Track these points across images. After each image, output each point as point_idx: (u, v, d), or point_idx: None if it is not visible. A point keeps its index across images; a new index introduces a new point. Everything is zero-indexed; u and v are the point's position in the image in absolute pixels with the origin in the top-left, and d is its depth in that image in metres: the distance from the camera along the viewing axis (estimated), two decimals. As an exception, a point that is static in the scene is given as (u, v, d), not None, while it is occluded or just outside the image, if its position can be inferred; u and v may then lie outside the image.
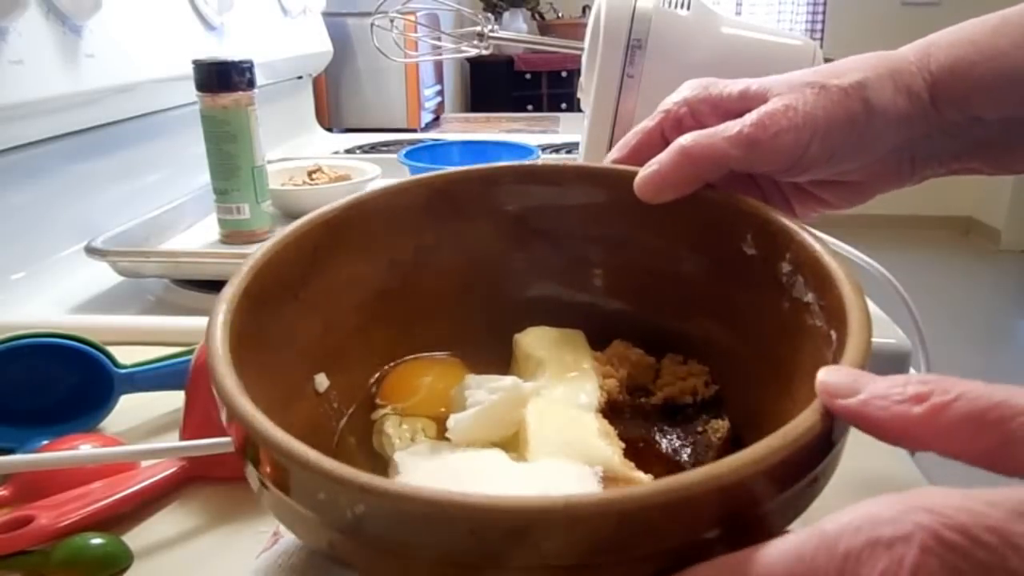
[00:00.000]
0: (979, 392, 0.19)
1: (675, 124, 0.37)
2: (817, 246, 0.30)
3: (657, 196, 0.34)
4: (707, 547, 0.20)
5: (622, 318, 0.39)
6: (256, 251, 0.31)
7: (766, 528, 0.21)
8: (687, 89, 0.37)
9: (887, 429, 0.20)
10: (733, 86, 0.36)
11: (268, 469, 0.23)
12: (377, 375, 0.37)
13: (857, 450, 0.23)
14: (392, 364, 0.38)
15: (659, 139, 0.37)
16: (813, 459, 0.21)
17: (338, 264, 0.35)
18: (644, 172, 0.34)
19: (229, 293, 0.28)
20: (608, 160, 0.38)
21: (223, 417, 0.24)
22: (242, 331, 0.27)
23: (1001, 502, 0.16)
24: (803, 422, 0.21)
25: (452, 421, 0.32)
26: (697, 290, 0.36)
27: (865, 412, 0.20)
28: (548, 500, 0.19)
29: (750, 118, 0.33)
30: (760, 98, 0.34)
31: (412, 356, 0.38)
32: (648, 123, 0.37)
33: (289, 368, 0.32)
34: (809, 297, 0.30)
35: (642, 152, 0.36)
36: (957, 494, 0.17)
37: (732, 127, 0.33)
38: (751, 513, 0.21)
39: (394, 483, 0.20)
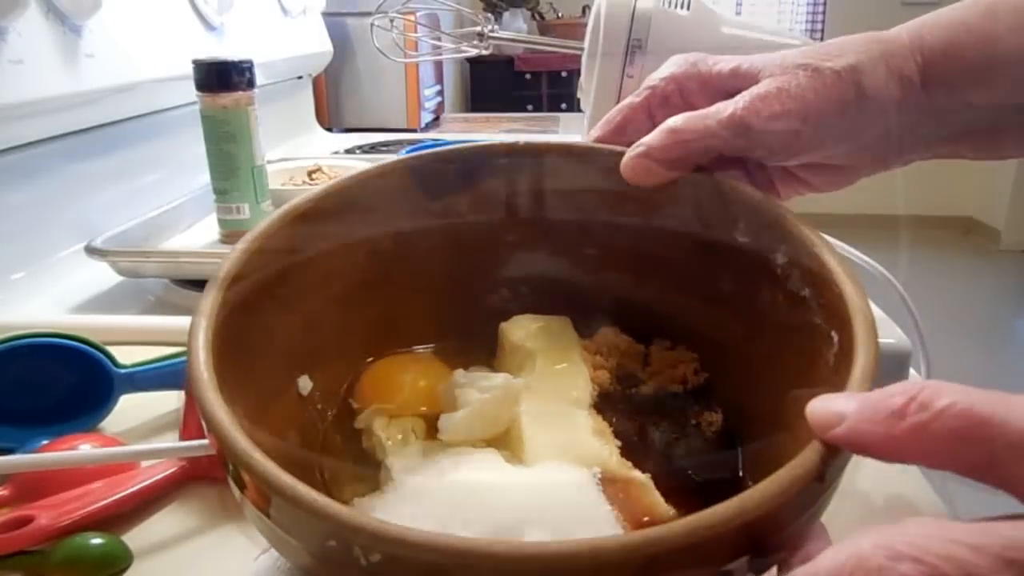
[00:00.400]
0: (963, 405, 0.18)
1: (662, 101, 0.36)
2: (815, 241, 0.29)
3: (645, 179, 0.33)
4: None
5: (608, 302, 0.38)
6: (232, 252, 0.30)
7: (783, 549, 0.21)
8: (674, 65, 0.36)
9: (876, 448, 0.20)
10: (724, 64, 0.35)
11: (265, 508, 0.22)
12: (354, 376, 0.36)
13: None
14: (368, 361, 0.37)
15: (645, 117, 0.36)
16: (828, 481, 0.21)
17: (316, 258, 0.34)
18: (632, 153, 0.33)
19: (207, 305, 0.27)
20: (591, 137, 0.37)
21: (205, 430, 0.24)
22: (223, 342, 0.27)
23: (988, 545, 0.16)
24: (812, 455, 0.21)
25: (444, 421, 0.32)
26: (686, 274, 0.36)
27: (853, 437, 0.20)
28: (572, 546, 0.19)
29: (742, 100, 0.32)
30: (751, 78, 0.33)
31: (390, 353, 0.37)
32: (634, 99, 0.36)
33: (272, 372, 0.31)
34: (806, 292, 0.29)
35: (627, 130, 0.36)
36: (944, 534, 0.17)
37: (724, 109, 0.32)
38: (772, 541, 0.21)
39: (413, 531, 0.19)
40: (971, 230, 3.89)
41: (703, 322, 0.36)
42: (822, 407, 0.22)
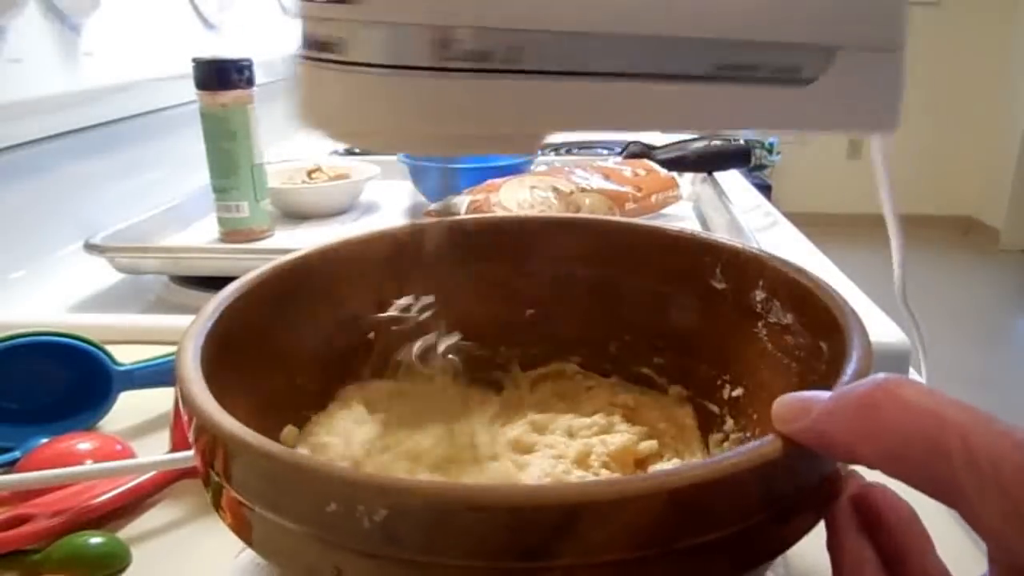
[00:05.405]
0: (928, 404, 0.17)
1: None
2: (790, 269, 0.31)
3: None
4: (755, 532, 0.20)
5: (588, 362, 0.39)
6: (220, 295, 0.30)
7: (806, 508, 0.21)
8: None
9: (836, 441, 0.19)
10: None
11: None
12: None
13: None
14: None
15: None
16: (777, 477, 0.21)
17: (301, 316, 0.34)
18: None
19: (193, 335, 0.27)
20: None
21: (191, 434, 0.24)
22: (210, 375, 0.26)
23: None
24: (763, 444, 0.21)
25: None
26: (667, 329, 0.37)
27: (816, 429, 0.20)
28: (595, 484, 0.18)
29: None
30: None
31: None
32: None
33: (254, 421, 0.31)
34: (788, 319, 0.31)
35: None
36: None
37: None
38: (792, 496, 0.21)
39: (422, 481, 0.19)
40: (971, 230, 3.88)
41: (688, 370, 0.36)
42: (789, 400, 0.21)
